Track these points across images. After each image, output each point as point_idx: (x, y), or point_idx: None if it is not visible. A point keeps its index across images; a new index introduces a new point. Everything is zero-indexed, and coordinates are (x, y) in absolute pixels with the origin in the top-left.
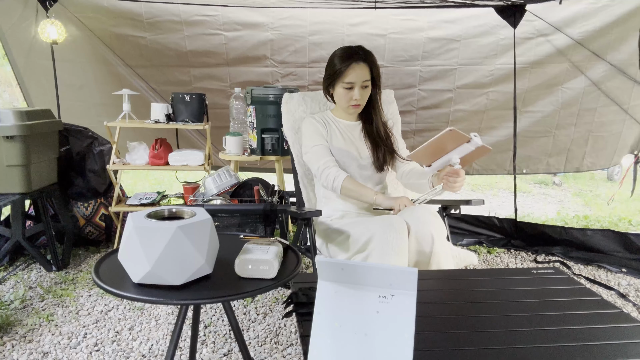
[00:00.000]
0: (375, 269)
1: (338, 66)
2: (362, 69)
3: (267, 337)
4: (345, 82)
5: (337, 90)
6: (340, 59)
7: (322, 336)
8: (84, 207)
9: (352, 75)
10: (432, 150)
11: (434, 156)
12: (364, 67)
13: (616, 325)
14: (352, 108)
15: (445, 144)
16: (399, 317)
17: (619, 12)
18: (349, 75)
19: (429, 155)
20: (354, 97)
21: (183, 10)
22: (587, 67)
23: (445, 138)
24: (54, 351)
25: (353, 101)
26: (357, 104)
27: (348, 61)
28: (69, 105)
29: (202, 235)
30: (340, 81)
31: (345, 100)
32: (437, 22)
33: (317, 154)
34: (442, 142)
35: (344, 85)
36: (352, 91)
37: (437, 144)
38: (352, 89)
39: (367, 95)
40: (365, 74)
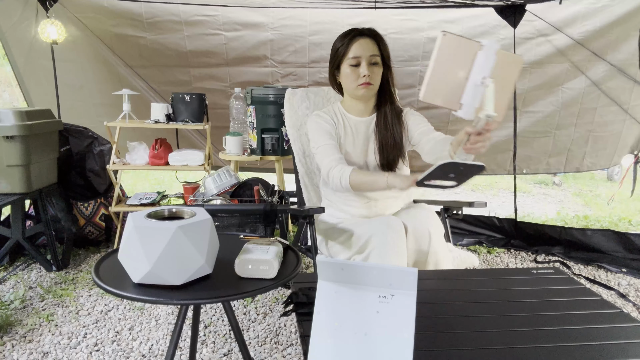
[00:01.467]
0: (375, 269)
1: (340, 44)
2: (369, 43)
3: (267, 337)
4: (351, 58)
5: (343, 71)
6: (342, 37)
7: (322, 336)
8: (84, 207)
9: (357, 48)
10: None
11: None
12: (370, 42)
13: (616, 325)
14: (362, 88)
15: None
16: (399, 317)
17: (619, 12)
18: (353, 49)
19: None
20: (362, 72)
21: (183, 10)
22: (588, 67)
23: (445, 53)
24: (54, 351)
25: (361, 78)
26: (367, 82)
27: (350, 35)
28: (69, 105)
29: (202, 235)
30: (345, 59)
31: (352, 80)
32: (437, 22)
33: (322, 155)
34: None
35: (349, 61)
36: (359, 67)
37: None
38: (359, 66)
39: (378, 74)
40: (373, 48)
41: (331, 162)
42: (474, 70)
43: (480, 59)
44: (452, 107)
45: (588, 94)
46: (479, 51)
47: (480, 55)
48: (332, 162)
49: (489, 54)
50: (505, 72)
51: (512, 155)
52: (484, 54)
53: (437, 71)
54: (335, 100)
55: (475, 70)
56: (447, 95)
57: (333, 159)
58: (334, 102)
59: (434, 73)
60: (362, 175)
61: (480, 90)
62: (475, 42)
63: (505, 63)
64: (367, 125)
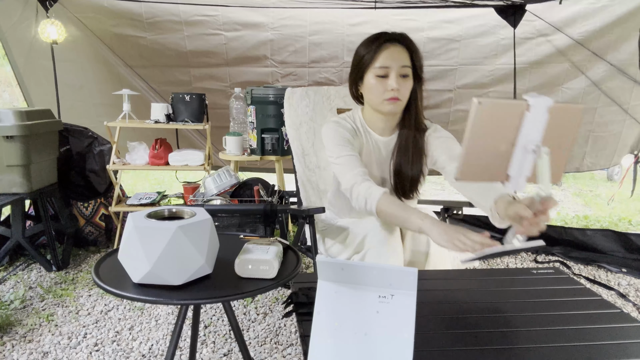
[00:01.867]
0: (375, 269)
1: (365, 50)
2: (399, 52)
3: (267, 337)
4: (377, 67)
5: (367, 82)
6: (368, 42)
7: (322, 336)
8: (84, 207)
9: (385, 57)
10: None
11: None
12: (402, 49)
13: (616, 325)
14: (389, 103)
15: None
16: (399, 317)
17: (619, 12)
18: (382, 58)
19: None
20: (390, 86)
21: (183, 10)
22: (588, 67)
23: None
24: (54, 351)
25: (389, 92)
26: (394, 97)
27: (379, 41)
28: (69, 105)
29: (202, 235)
30: (370, 68)
31: (378, 93)
32: (437, 22)
33: (344, 167)
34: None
35: (376, 71)
36: (388, 79)
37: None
38: (387, 77)
39: (408, 89)
40: (404, 57)
41: (355, 176)
42: (521, 136)
43: (529, 122)
44: (496, 180)
45: (588, 94)
46: (527, 112)
47: (529, 117)
48: (357, 177)
49: (539, 113)
50: (561, 130)
51: None
52: (533, 115)
53: (474, 147)
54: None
55: (523, 136)
56: (489, 169)
57: (357, 173)
58: (354, 109)
59: (469, 150)
60: (394, 206)
61: (530, 157)
62: (521, 103)
63: (560, 119)
64: (386, 146)
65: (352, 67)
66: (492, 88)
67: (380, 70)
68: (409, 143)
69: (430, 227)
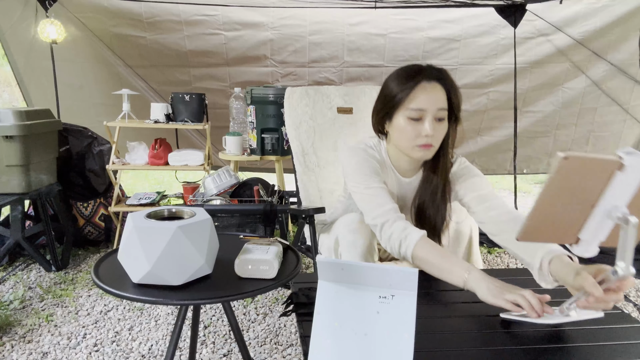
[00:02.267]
0: (375, 269)
1: (399, 88)
2: (437, 92)
3: (267, 338)
4: (411, 109)
5: (397, 122)
6: (402, 78)
7: (322, 336)
8: (83, 207)
9: (421, 98)
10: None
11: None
12: (439, 89)
13: (617, 326)
14: (421, 149)
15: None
16: (399, 317)
17: (619, 12)
18: (418, 99)
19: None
20: (424, 131)
21: (183, 10)
22: (588, 67)
23: (564, 181)
24: (54, 351)
25: (422, 138)
26: (427, 144)
27: (415, 79)
28: (68, 105)
29: (202, 235)
30: (402, 108)
31: (410, 138)
32: (437, 22)
33: (373, 201)
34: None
35: (409, 113)
36: (422, 123)
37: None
38: (421, 120)
39: (442, 133)
40: (441, 98)
41: (387, 213)
42: (605, 198)
43: (619, 183)
44: (563, 242)
45: (588, 93)
46: (618, 171)
47: (619, 178)
48: (389, 213)
49: (634, 174)
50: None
51: (513, 155)
52: (626, 176)
53: (548, 206)
54: (340, 97)
55: (607, 199)
56: (558, 231)
57: (389, 209)
58: (379, 141)
59: (541, 209)
60: (434, 253)
61: (610, 223)
62: (613, 160)
63: None
64: (409, 186)
65: (380, 101)
66: (493, 88)
67: (415, 112)
68: (435, 188)
69: (478, 283)
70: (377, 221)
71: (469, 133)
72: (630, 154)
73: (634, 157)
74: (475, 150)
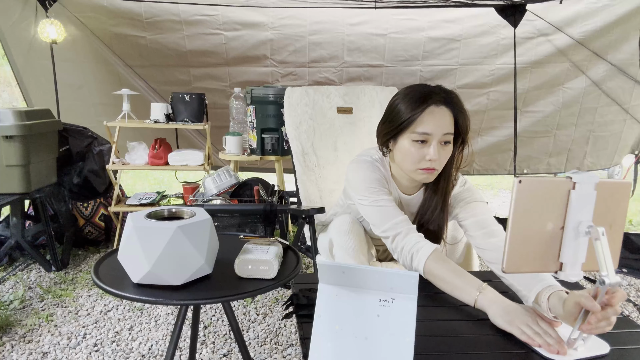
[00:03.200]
0: (376, 272)
1: (407, 111)
2: (444, 116)
3: (267, 338)
4: (417, 133)
5: (401, 144)
6: (411, 100)
7: (323, 339)
8: (83, 207)
9: (429, 122)
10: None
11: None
12: (447, 114)
13: (618, 331)
14: (423, 172)
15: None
16: (399, 320)
17: (619, 12)
18: (425, 123)
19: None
20: (429, 156)
21: (183, 10)
22: (588, 67)
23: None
24: (54, 351)
25: (426, 162)
26: (431, 168)
27: (424, 104)
28: (68, 105)
29: (202, 235)
30: (408, 131)
31: (413, 161)
32: (437, 22)
33: (383, 214)
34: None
35: (415, 136)
36: (427, 147)
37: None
38: (427, 144)
39: (447, 157)
40: (448, 123)
41: (397, 225)
42: (570, 217)
43: (576, 200)
44: (548, 270)
45: (588, 93)
46: (572, 190)
47: (575, 196)
48: (400, 226)
49: (585, 191)
50: (610, 208)
51: (513, 155)
52: (579, 193)
53: (519, 232)
54: (340, 97)
55: (572, 217)
56: (539, 258)
57: (399, 221)
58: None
59: (514, 236)
60: (447, 269)
61: (584, 240)
62: (564, 180)
63: (608, 196)
64: (409, 202)
65: (386, 120)
66: (493, 88)
67: (420, 136)
68: (435, 208)
69: (490, 304)
70: (389, 233)
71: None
72: (578, 173)
73: (582, 175)
74: (476, 150)
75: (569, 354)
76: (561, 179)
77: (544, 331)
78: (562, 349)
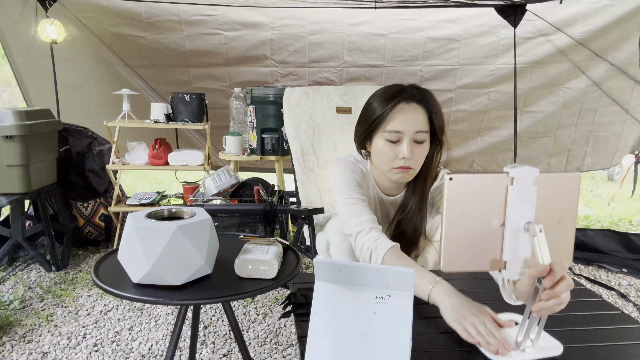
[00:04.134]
0: (372, 269)
1: (378, 109)
2: (415, 113)
3: (267, 338)
4: (388, 131)
5: (376, 144)
6: (382, 98)
7: (319, 337)
8: (83, 207)
9: (399, 120)
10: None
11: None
12: (419, 111)
13: (617, 327)
14: (398, 172)
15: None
16: (396, 317)
17: (619, 12)
18: (395, 121)
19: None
20: (402, 154)
21: (183, 10)
22: (588, 67)
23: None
24: (54, 351)
25: (399, 161)
26: (405, 167)
27: (394, 101)
28: (68, 105)
29: (202, 235)
30: (380, 130)
31: (387, 160)
32: (437, 22)
33: (351, 211)
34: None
35: (387, 135)
36: (399, 145)
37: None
38: (399, 142)
39: (422, 155)
40: (421, 120)
41: (362, 224)
42: (509, 214)
43: (515, 196)
44: (492, 269)
45: (589, 93)
46: (509, 185)
47: (513, 192)
48: (364, 224)
49: (525, 185)
50: (558, 201)
51: (513, 155)
52: (518, 188)
53: (455, 229)
54: (340, 97)
55: (511, 213)
56: (479, 256)
57: (365, 219)
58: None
59: (449, 233)
60: (402, 264)
61: (525, 237)
62: (500, 176)
63: (554, 189)
64: (391, 204)
65: (361, 121)
66: (493, 88)
67: (392, 135)
68: (414, 209)
69: (441, 297)
70: (353, 230)
71: (469, 133)
72: (516, 167)
73: (519, 169)
74: (476, 150)
75: (515, 356)
76: (497, 174)
77: (488, 332)
78: (502, 349)
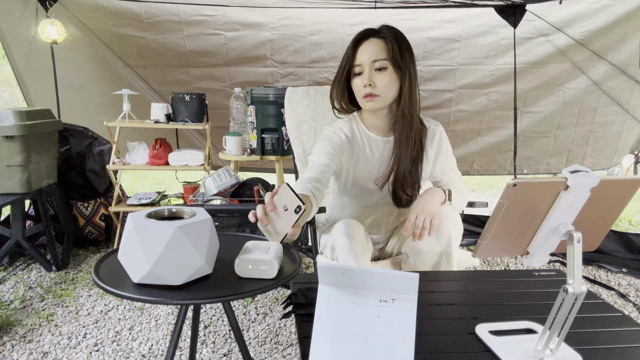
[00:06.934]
0: (376, 273)
1: (345, 56)
2: (372, 45)
3: (267, 337)
4: (355, 66)
5: (352, 83)
6: (349, 46)
7: (323, 340)
8: (83, 207)
9: (359, 54)
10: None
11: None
12: (376, 43)
13: (617, 329)
14: (368, 100)
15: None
16: (400, 321)
17: (619, 12)
18: (357, 56)
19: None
20: (362, 82)
21: (183, 10)
22: (588, 67)
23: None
24: (54, 351)
25: (364, 89)
26: (370, 94)
27: (354, 40)
28: (69, 105)
29: (202, 235)
30: (351, 74)
31: (358, 92)
32: (437, 22)
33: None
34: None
35: (354, 70)
36: (364, 76)
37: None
38: (363, 74)
39: (385, 82)
40: (378, 50)
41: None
42: (552, 217)
43: (564, 203)
44: (513, 254)
45: (589, 93)
46: (563, 191)
47: (564, 198)
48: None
49: (579, 193)
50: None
51: (513, 155)
52: (571, 195)
53: (502, 229)
54: None
55: (554, 217)
56: (509, 247)
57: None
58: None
59: (497, 233)
60: None
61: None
62: (558, 182)
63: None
64: (386, 145)
65: (337, 75)
66: (493, 88)
67: (356, 68)
68: (405, 138)
69: None
70: None
71: (469, 133)
72: (576, 175)
73: (578, 178)
74: (476, 150)
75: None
76: (557, 180)
77: None
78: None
